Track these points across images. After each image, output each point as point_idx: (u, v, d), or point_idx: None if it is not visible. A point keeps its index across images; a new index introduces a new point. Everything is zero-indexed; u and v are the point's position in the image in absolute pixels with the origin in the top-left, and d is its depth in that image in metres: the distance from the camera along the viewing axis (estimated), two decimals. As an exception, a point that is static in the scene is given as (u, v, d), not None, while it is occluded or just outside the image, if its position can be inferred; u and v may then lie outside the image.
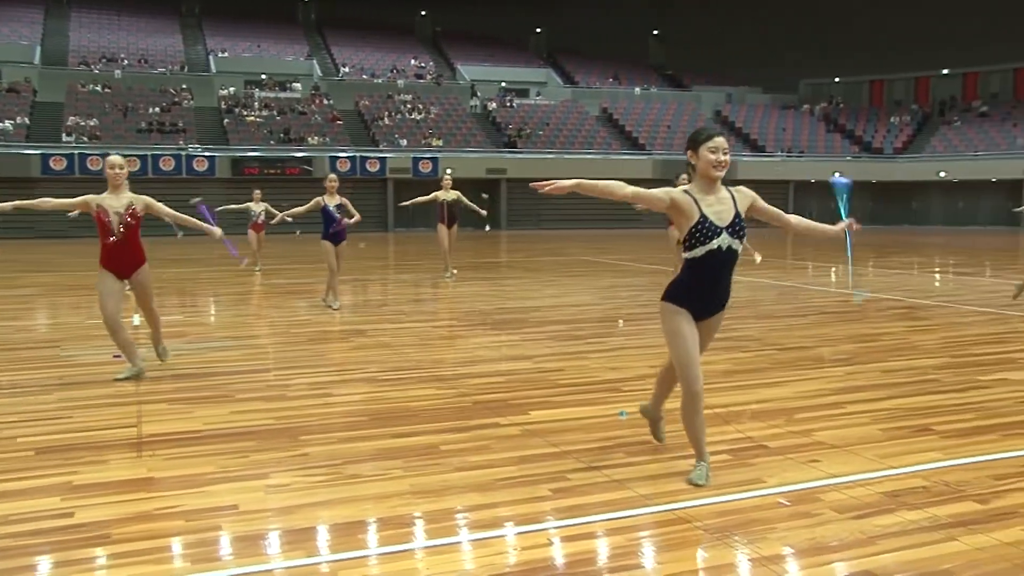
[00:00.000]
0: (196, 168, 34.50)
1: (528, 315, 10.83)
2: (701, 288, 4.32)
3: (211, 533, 3.81)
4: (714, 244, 4.21)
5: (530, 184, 4.37)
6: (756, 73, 48.78)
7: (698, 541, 3.73)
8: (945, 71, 46.51)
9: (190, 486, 4.39)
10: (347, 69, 45.31)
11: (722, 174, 4.28)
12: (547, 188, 4.20)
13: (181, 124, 37.18)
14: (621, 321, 10.43)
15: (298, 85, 42.44)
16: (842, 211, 4.74)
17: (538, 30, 51.18)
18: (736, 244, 4.26)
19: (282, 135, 37.49)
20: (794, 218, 4.65)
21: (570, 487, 4.36)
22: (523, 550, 3.65)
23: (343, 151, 36.56)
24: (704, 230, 4.21)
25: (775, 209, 4.54)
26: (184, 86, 40.47)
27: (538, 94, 46.01)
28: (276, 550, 3.66)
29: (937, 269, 18.80)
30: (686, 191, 4.31)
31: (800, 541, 3.70)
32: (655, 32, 52.59)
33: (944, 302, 12.32)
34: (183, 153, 34.72)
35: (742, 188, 4.41)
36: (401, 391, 6.55)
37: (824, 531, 3.80)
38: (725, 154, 4.23)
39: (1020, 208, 11.44)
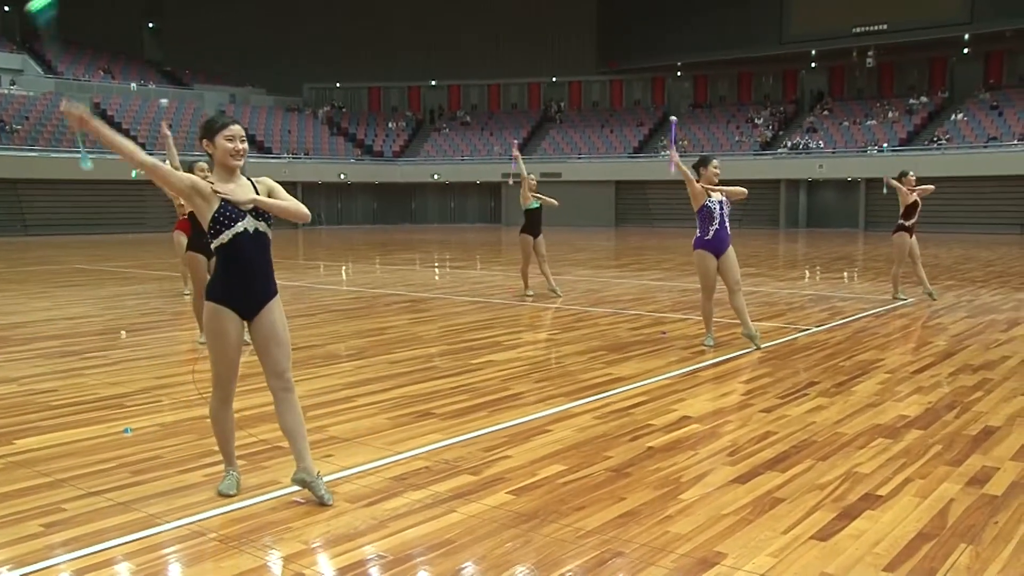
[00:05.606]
0: None
1: (13, 332, 9.63)
2: (238, 277, 4.16)
3: None
4: (239, 227, 4.11)
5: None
6: (260, 74, 48.61)
7: (216, 552, 3.62)
8: (433, 82, 50.72)
9: None
10: None
11: (240, 162, 4.20)
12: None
13: None
14: (124, 332, 9.74)
15: None
16: None
17: (7, 9, 45.16)
18: (263, 226, 4.19)
19: None
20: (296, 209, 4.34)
21: (67, 518, 3.96)
22: (12, 598, 3.24)
23: None
24: (226, 215, 4.10)
25: (289, 203, 4.29)
26: None
27: (12, 83, 40.91)
28: None
29: (435, 264, 20.45)
30: (207, 180, 4.20)
31: (317, 536, 3.77)
32: (151, 26, 49.79)
33: (442, 294, 13.44)
34: None
35: (264, 178, 4.36)
36: None
37: (339, 522, 3.91)
38: (243, 142, 4.17)
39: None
